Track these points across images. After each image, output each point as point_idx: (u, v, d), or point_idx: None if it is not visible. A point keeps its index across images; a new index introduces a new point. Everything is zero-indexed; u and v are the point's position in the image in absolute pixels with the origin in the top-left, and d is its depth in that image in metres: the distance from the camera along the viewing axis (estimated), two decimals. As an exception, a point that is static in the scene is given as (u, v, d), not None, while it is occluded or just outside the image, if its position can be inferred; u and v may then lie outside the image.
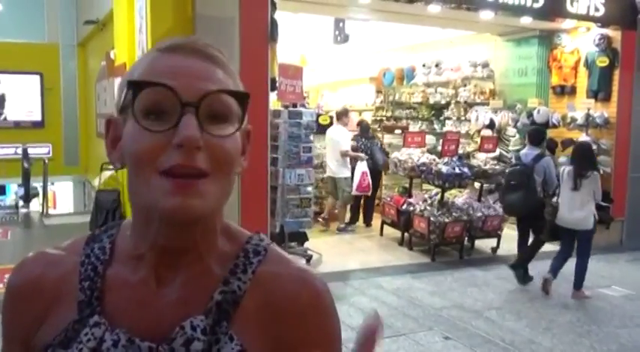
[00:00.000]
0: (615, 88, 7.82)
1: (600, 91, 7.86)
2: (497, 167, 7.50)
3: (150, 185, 0.68)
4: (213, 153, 0.68)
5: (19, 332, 0.76)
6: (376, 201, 8.57)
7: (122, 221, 0.81)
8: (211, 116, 0.69)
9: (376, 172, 8.20)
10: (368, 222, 8.49)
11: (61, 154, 11.21)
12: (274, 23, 5.73)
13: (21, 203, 9.03)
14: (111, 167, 6.76)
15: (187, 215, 0.68)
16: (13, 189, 10.89)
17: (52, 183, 11.15)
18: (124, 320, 0.71)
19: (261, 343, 0.72)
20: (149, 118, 0.68)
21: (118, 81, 6.60)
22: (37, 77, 10.99)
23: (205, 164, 0.67)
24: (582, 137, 7.68)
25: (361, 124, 8.78)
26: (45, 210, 8.86)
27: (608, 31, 7.84)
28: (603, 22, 7.70)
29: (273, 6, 5.75)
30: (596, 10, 7.52)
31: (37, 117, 11.13)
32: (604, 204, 6.31)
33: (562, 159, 7.90)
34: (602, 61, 7.78)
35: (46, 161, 9.29)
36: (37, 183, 9.24)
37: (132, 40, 6.05)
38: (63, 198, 12.41)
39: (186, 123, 0.66)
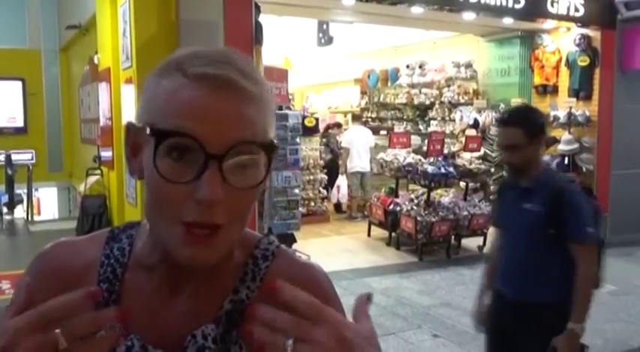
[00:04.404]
0: (596, 86, 7.93)
1: (582, 90, 7.97)
2: (482, 166, 7.57)
3: (168, 230, 0.67)
4: (234, 205, 0.66)
5: None
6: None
7: (141, 220, 0.80)
8: (238, 161, 0.66)
9: (335, 162, 9.44)
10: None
11: (45, 160, 11.08)
12: (259, 26, 5.74)
13: (5, 210, 8.92)
14: (97, 172, 6.72)
15: (200, 265, 0.68)
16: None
17: (37, 190, 11.03)
18: (137, 326, 0.71)
19: None
20: (171, 156, 0.64)
21: (102, 85, 6.55)
22: (19, 83, 10.87)
23: (223, 218, 0.66)
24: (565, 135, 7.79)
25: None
26: (30, 217, 8.77)
27: (588, 31, 7.95)
28: (583, 22, 7.81)
29: (257, 9, 5.76)
30: (576, 10, 7.62)
31: (20, 124, 10.99)
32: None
33: (545, 157, 8.01)
34: (583, 61, 7.89)
35: (30, 167, 9.20)
36: (21, 190, 9.14)
37: (115, 44, 6.01)
38: (47, 204, 12.27)
39: (208, 181, 0.63)
